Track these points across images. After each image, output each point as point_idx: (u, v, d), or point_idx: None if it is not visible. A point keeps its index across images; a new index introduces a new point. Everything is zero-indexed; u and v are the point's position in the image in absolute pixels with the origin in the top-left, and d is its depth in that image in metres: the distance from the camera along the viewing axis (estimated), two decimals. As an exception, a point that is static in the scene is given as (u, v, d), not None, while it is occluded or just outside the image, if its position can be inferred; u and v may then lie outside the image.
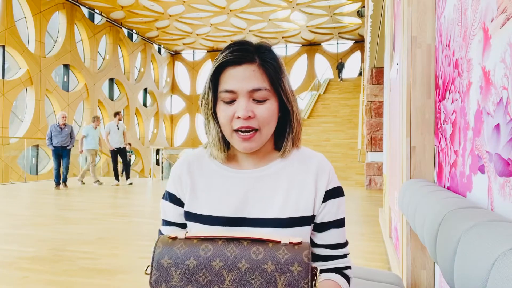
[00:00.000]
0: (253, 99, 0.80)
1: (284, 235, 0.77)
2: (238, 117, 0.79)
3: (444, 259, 0.72)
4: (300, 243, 0.67)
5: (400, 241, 1.98)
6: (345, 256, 0.89)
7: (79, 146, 8.19)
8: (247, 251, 0.64)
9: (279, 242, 0.66)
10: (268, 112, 0.81)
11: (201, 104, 0.86)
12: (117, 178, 8.48)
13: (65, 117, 7.70)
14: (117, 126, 8.20)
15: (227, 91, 0.80)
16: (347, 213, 5.07)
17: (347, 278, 0.87)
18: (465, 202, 0.88)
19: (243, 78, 0.80)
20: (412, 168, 1.52)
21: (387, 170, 3.34)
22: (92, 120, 8.33)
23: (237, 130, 0.80)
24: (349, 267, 0.88)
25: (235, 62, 0.81)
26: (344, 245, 0.89)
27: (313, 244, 0.88)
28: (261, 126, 0.81)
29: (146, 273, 0.69)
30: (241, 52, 0.81)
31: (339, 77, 19.13)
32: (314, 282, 0.65)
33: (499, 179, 0.78)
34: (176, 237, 0.67)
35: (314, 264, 0.87)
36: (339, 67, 19.38)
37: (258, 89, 0.80)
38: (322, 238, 0.87)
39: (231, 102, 0.81)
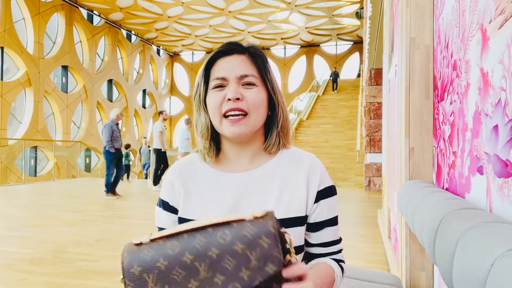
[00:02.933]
0: (242, 85, 0.84)
1: None
2: (228, 100, 0.82)
3: (443, 260, 0.72)
4: (265, 214, 0.66)
5: (399, 242, 1.98)
6: (339, 251, 0.90)
7: (188, 148, 7.53)
8: (214, 238, 0.63)
9: (243, 220, 0.65)
10: (256, 95, 0.83)
11: (193, 98, 0.90)
12: (157, 183, 7.67)
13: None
14: (164, 126, 7.59)
15: (218, 78, 0.84)
16: (346, 214, 5.07)
17: (341, 268, 0.88)
18: (464, 203, 0.88)
19: (233, 65, 0.85)
20: (411, 169, 1.52)
21: (386, 171, 3.35)
22: (186, 122, 7.87)
23: (226, 116, 0.82)
24: (343, 261, 0.90)
25: (225, 52, 0.86)
26: (338, 241, 0.90)
27: (308, 244, 0.88)
28: (250, 110, 0.82)
29: (122, 281, 0.68)
30: (231, 45, 0.87)
31: (333, 88, 17.61)
32: (287, 246, 0.65)
33: (498, 180, 0.78)
34: (140, 243, 0.65)
35: (313, 262, 0.88)
36: (333, 77, 17.73)
37: (246, 75, 0.84)
38: (317, 237, 0.88)
39: (221, 87, 0.84)
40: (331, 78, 18.18)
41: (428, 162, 1.50)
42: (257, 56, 0.87)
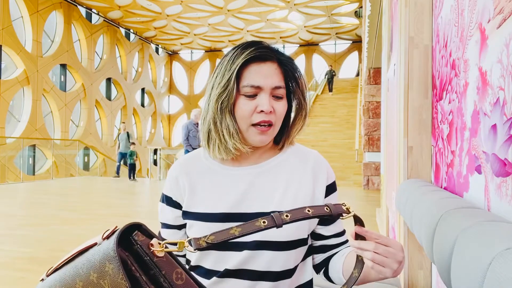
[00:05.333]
0: (273, 96, 0.85)
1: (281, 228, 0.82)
2: (261, 111, 0.82)
3: (441, 259, 0.72)
4: (112, 232, 0.62)
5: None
6: (347, 241, 0.97)
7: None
8: (78, 267, 0.61)
9: (95, 243, 0.63)
10: (283, 108, 0.87)
11: (218, 100, 0.84)
12: None
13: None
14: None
15: (253, 86, 0.83)
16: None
17: None
18: (462, 202, 0.88)
19: (267, 75, 0.84)
20: (409, 168, 1.52)
21: (384, 170, 3.35)
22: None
23: (255, 124, 0.83)
24: None
25: (260, 58, 0.84)
26: (345, 231, 0.97)
27: (323, 237, 0.93)
28: (276, 121, 0.85)
29: None
30: (265, 50, 0.85)
31: (329, 89, 16.52)
32: (147, 258, 0.61)
33: (496, 179, 0.78)
34: (42, 279, 0.65)
35: (330, 252, 0.95)
36: (329, 76, 16.58)
37: (279, 87, 0.85)
38: (331, 229, 0.93)
39: (253, 96, 0.84)
40: (326, 78, 17.09)
41: (426, 161, 1.50)
42: (287, 65, 0.87)
